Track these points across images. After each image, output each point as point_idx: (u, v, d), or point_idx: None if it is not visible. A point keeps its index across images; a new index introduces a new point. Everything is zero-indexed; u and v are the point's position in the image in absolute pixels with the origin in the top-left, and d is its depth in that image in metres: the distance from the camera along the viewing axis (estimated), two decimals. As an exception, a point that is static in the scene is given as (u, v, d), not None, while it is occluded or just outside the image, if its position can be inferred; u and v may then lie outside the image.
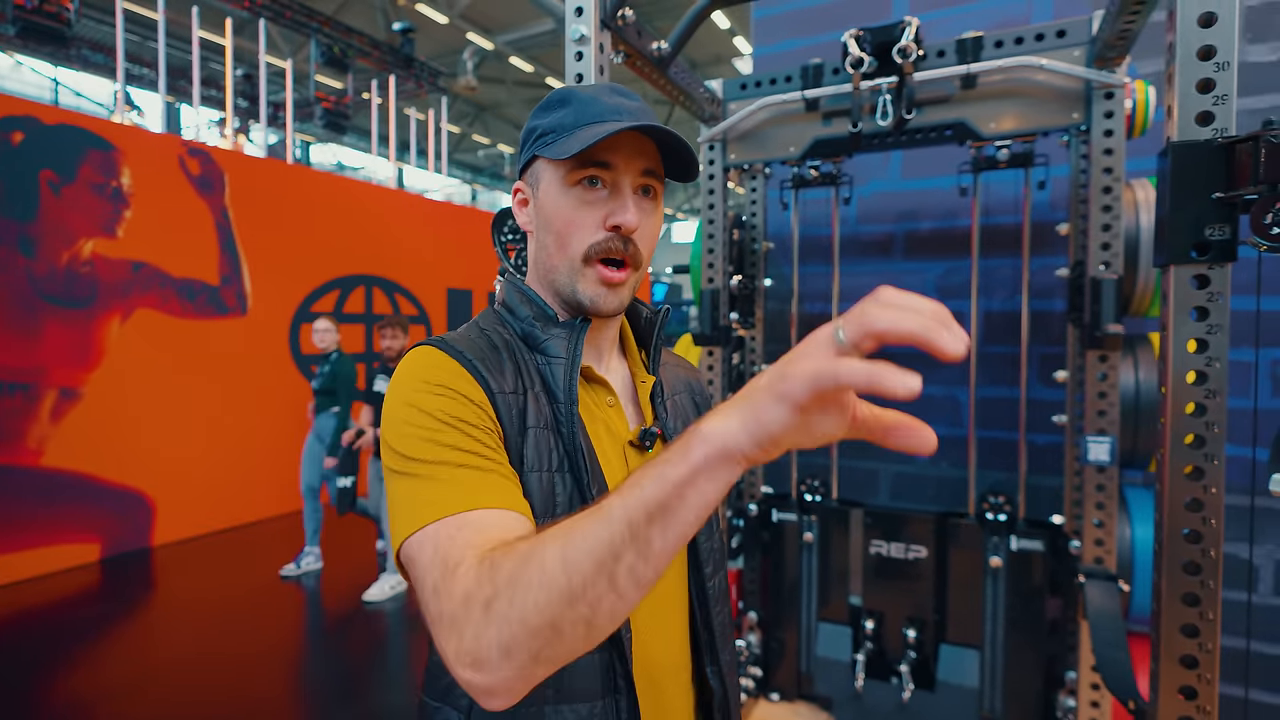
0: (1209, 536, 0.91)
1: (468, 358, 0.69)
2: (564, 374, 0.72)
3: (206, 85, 10.94)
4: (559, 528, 0.51)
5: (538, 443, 0.68)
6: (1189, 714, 0.92)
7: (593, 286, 0.73)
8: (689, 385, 0.91)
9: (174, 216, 4.51)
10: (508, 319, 0.78)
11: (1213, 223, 0.88)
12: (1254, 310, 2.00)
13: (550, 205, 0.73)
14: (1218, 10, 0.88)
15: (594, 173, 0.71)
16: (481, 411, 0.66)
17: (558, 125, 0.72)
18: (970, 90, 1.65)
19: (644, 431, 0.77)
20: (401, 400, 0.66)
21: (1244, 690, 1.90)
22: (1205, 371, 0.90)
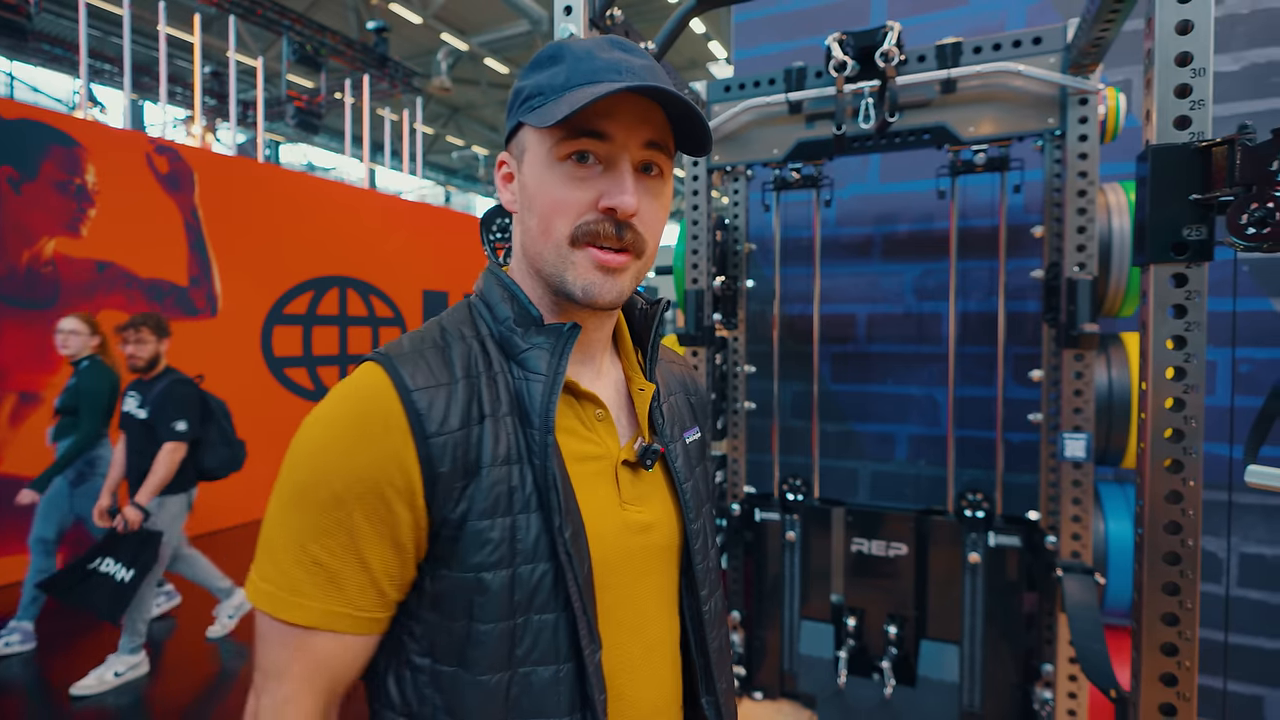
0: (1188, 528, 0.94)
1: (408, 388, 0.58)
2: (542, 396, 0.61)
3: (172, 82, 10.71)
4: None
5: (495, 484, 0.59)
6: (1169, 700, 0.94)
7: (585, 273, 0.61)
8: (683, 383, 0.82)
9: (141, 215, 4.40)
10: (484, 317, 0.66)
11: (1190, 223, 0.91)
12: (1222, 312, 2.06)
13: (534, 182, 0.62)
14: (1194, 18, 0.91)
15: (586, 145, 0.60)
16: (405, 495, 0.57)
17: (546, 86, 0.61)
18: (950, 95, 1.69)
19: (645, 450, 0.68)
20: (324, 440, 0.58)
21: (1222, 681, 1.96)
22: (1183, 367, 0.93)
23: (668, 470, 0.71)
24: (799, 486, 2.28)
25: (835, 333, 2.54)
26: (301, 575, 0.56)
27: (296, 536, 0.57)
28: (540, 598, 0.59)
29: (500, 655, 0.58)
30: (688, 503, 0.70)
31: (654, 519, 0.68)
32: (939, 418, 2.40)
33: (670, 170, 0.66)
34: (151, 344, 2.94)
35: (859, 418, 2.53)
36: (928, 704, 2.03)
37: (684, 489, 0.70)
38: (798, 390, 2.58)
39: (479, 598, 0.58)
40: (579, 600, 0.59)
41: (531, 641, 0.59)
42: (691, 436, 0.76)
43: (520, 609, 0.58)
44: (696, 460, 0.76)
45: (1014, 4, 2.29)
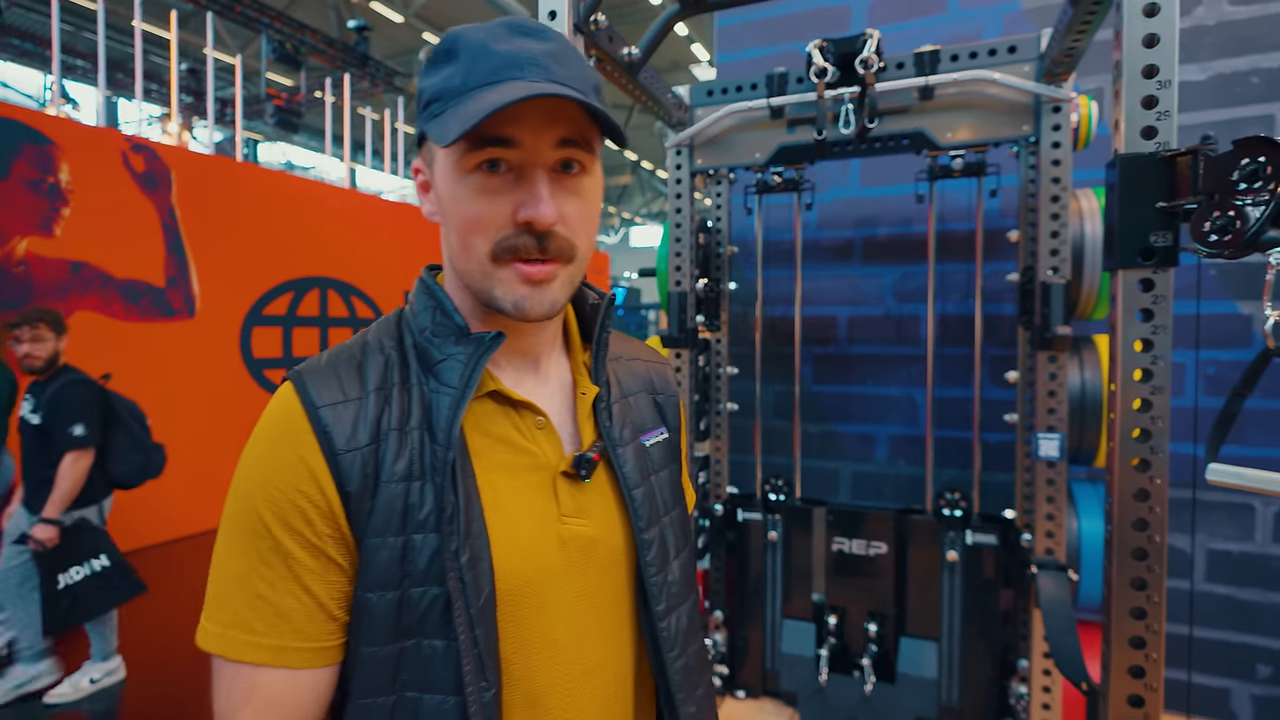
0: (1155, 524, 0.97)
1: (315, 406, 0.56)
2: (448, 410, 0.58)
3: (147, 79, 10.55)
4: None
5: (389, 501, 0.55)
6: (1138, 691, 0.97)
7: (513, 289, 0.58)
8: (649, 381, 0.76)
9: (116, 215, 4.33)
10: (410, 327, 0.63)
11: (1156, 230, 0.94)
12: (1190, 315, 2.12)
13: (447, 196, 0.59)
14: (1159, 32, 0.94)
15: (494, 154, 0.56)
16: (323, 505, 0.55)
17: (443, 90, 0.57)
18: (928, 101, 1.72)
19: (578, 459, 0.63)
20: (249, 466, 0.57)
21: (1187, 674, 2.01)
22: (1151, 369, 0.96)
23: (615, 478, 0.66)
24: (781, 487, 2.30)
25: (817, 334, 2.58)
26: (250, 612, 0.54)
27: (239, 572, 0.55)
28: (431, 623, 0.55)
29: (384, 680, 0.55)
30: (637, 510, 0.65)
31: (598, 531, 0.63)
32: (918, 418, 2.44)
33: (594, 163, 0.61)
34: (50, 342, 2.70)
35: (840, 418, 2.57)
36: (907, 700, 2.06)
37: (633, 496, 0.65)
38: (780, 391, 2.61)
39: (365, 619, 0.55)
40: (468, 632, 0.54)
41: (419, 667, 0.56)
42: (653, 438, 0.71)
43: (408, 632, 0.56)
44: (660, 464, 0.71)
45: (990, 13, 2.34)
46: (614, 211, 26.25)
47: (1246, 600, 2.11)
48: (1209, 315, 2.15)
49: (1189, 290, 2.13)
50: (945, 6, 2.41)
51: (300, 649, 0.55)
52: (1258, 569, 2.10)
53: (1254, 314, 2.12)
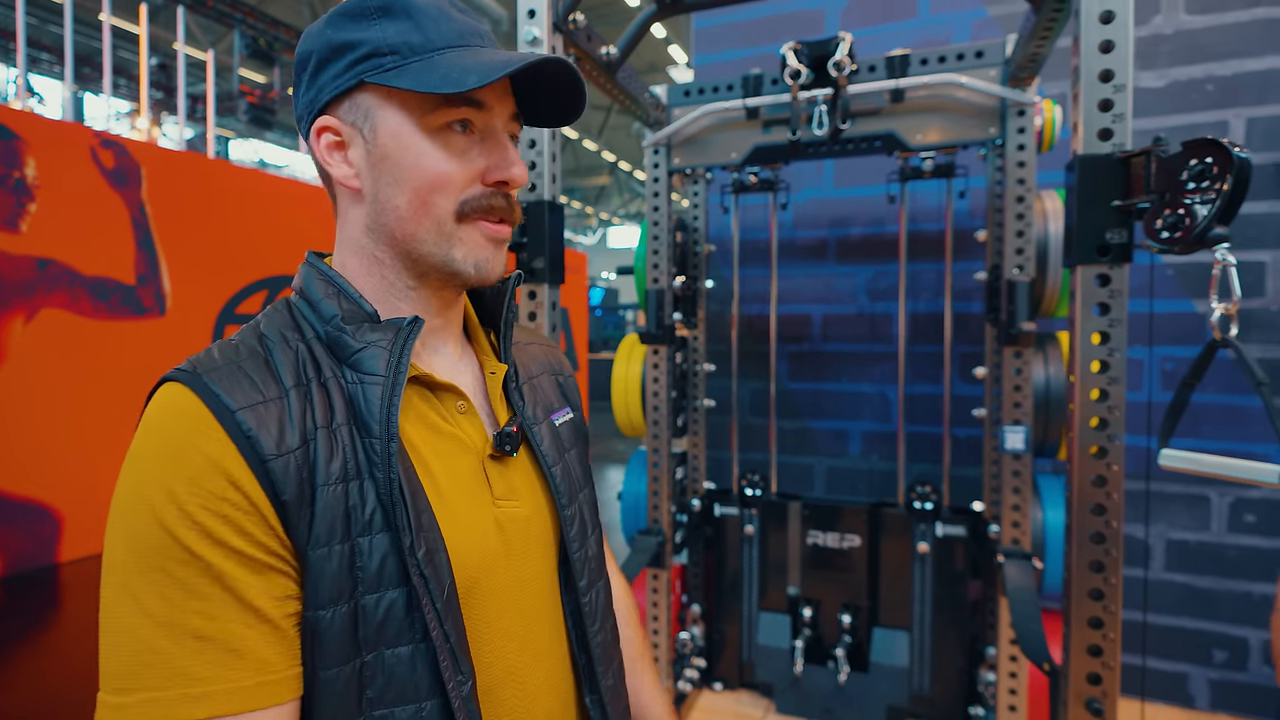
0: (1111, 510, 1.01)
1: (229, 408, 0.48)
2: (381, 400, 0.53)
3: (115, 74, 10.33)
4: None
5: (330, 506, 0.50)
6: (1095, 670, 1.02)
7: (478, 249, 0.58)
8: (549, 365, 0.76)
9: (85, 211, 4.25)
10: (307, 318, 0.57)
11: (1112, 228, 0.99)
12: (1146, 313, 2.20)
13: (405, 154, 0.56)
14: (1115, 38, 0.99)
15: (469, 114, 0.56)
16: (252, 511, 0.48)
17: (400, 44, 0.55)
18: (899, 104, 1.77)
19: (499, 436, 0.61)
20: (141, 489, 0.47)
21: (1142, 659, 2.08)
22: (1107, 361, 1.01)
23: (534, 456, 0.65)
24: (757, 482, 2.34)
25: (792, 332, 2.62)
26: (188, 660, 0.45)
27: (158, 620, 0.45)
28: (391, 629, 0.51)
29: (348, 704, 0.49)
30: (558, 487, 0.65)
31: (530, 511, 0.62)
32: (890, 414, 2.49)
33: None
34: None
35: (814, 415, 2.61)
36: (880, 688, 2.11)
37: (553, 473, 0.65)
38: (756, 388, 2.64)
39: (318, 640, 0.49)
40: (439, 628, 0.51)
41: (385, 681, 0.51)
42: (561, 418, 0.71)
43: (368, 645, 0.50)
44: (570, 443, 0.70)
45: (960, 18, 2.40)
46: (591, 212, 26.23)
47: (1203, 588, 2.19)
48: (1167, 314, 2.23)
49: (1146, 289, 2.20)
50: (916, 11, 2.47)
51: (266, 683, 0.47)
52: (1213, 557, 2.18)
53: (1209, 312, 2.19)
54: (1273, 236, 2.13)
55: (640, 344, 2.18)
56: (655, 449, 2.13)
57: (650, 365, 2.11)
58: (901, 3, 2.48)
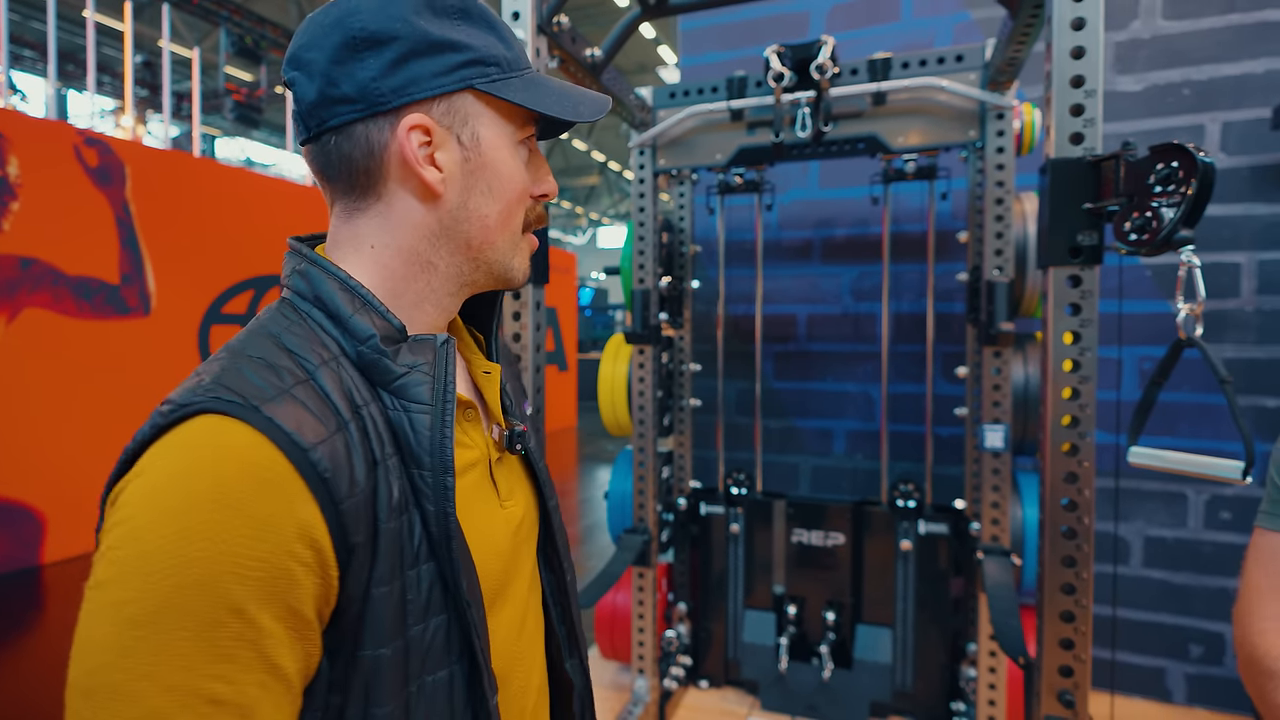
0: (1083, 506, 1.03)
1: (313, 463, 0.44)
2: (432, 431, 0.51)
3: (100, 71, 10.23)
4: None
5: (390, 542, 0.48)
6: (1067, 662, 1.04)
7: (525, 259, 0.62)
8: (508, 357, 0.80)
9: (68, 210, 4.21)
10: (330, 332, 0.52)
11: (1084, 230, 1.01)
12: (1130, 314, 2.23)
13: (503, 166, 0.56)
14: (1086, 44, 1.01)
15: (533, 131, 0.60)
16: (325, 581, 0.44)
17: (502, 58, 0.55)
18: (880, 107, 1.79)
19: (509, 437, 0.62)
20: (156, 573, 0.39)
21: (1111, 652, 2.11)
22: (1079, 360, 1.03)
23: (526, 455, 0.66)
24: (743, 481, 2.36)
25: (777, 332, 2.64)
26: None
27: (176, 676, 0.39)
28: (434, 657, 0.50)
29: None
30: (544, 482, 0.67)
31: (524, 509, 0.64)
32: (874, 413, 2.52)
33: None
34: None
35: (800, 414, 2.63)
36: (863, 684, 2.13)
37: (540, 468, 0.67)
38: (742, 388, 2.66)
39: (375, 679, 0.47)
40: (478, 647, 0.52)
41: (426, 708, 0.50)
42: (528, 410, 0.74)
43: (414, 675, 0.49)
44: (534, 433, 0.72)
45: (942, 22, 2.43)
46: (581, 212, 26.22)
47: (1180, 584, 2.23)
48: (1145, 314, 2.26)
49: (1128, 289, 2.24)
50: (899, 15, 2.49)
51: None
52: (1190, 554, 2.22)
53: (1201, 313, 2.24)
54: (1247, 238, 2.17)
55: (626, 344, 2.19)
56: (641, 448, 2.14)
57: (636, 365, 2.12)
58: (885, 6, 2.51)
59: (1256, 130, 2.14)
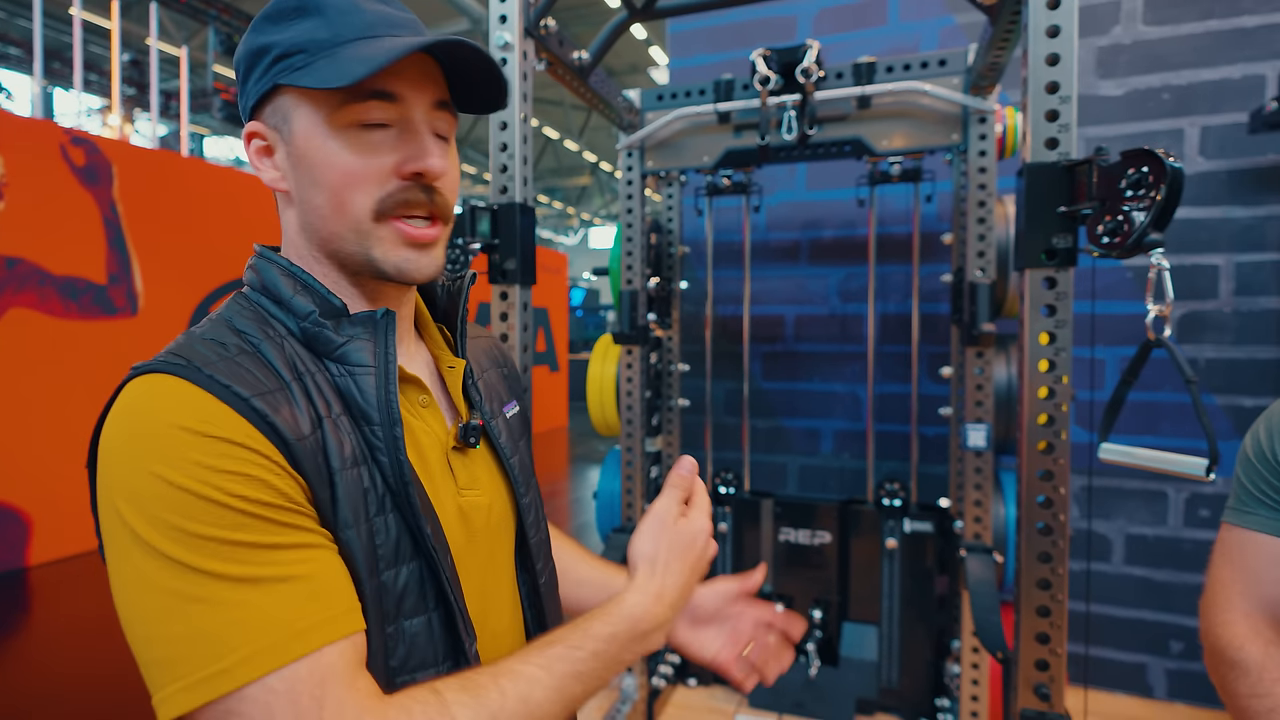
0: (1058, 503, 1.06)
1: (242, 395, 0.48)
2: (379, 389, 0.55)
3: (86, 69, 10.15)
4: (521, 703, 0.49)
5: (350, 489, 0.52)
6: (1044, 656, 1.06)
7: (396, 250, 0.57)
8: (494, 359, 0.78)
9: (55, 209, 4.19)
10: (275, 314, 0.57)
11: (1058, 233, 1.03)
12: (1111, 315, 2.27)
13: (316, 154, 0.55)
14: (1060, 51, 1.03)
15: (376, 107, 0.54)
16: (285, 474, 0.48)
17: (308, 43, 0.54)
18: (865, 110, 1.81)
19: (464, 429, 0.63)
20: (153, 472, 0.45)
21: (1085, 648, 2.14)
22: (1054, 360, 1.05)
23: (493, 447, 0.68)
24: (731, 480, 2.38)
25: (765, 333, 2.66)
26: (278, 602, 0.46)
27: (236, 574, 0.45)
28: (409, 601, 0.54)
29: (375, 673, 0.51)
30: (516, 477, 0.68)
31: (489, 499, 0.65)
32: (861, 413, 2.54)
33: (454, 133, 0.63)
34: None
35: (788, 414, 2.65)
36: (849, 682, 2.15)
37: (511, 464, 0.68)
38: (730, 388, 2.68)
39: None
40: (452, 594, 0.56)
41: (406, 650, 0.54)
42: (511, 411, 0.74)
43: (390, 617, 0.53)
44: (519, 434, 0.74)
45: (927, 26, 2.46)
46: (573, 213, 26.20)
47: (1161, 581, 2.26)
48: (1132, 315, 2.29)
49: (1111, 291, 2.27)
50: (886, 19, 2.52)
51: (352, 609, 0.50)
52: (1170, 551, 2.25)
53: (1181, 314, 2.27)
54: (1225, 241, 2.20)
55: (615, 344, 2.20)
56: (629, 448, 2.15)
57: (624, 366, 2.14)
58: (872, 10, 2.53)
59: (1234, 134, 2.18)
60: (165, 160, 5.02)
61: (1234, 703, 0.76)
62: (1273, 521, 0.79)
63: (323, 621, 0.47)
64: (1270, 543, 0.79)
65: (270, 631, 0.45)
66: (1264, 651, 0.75)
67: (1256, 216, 2.16)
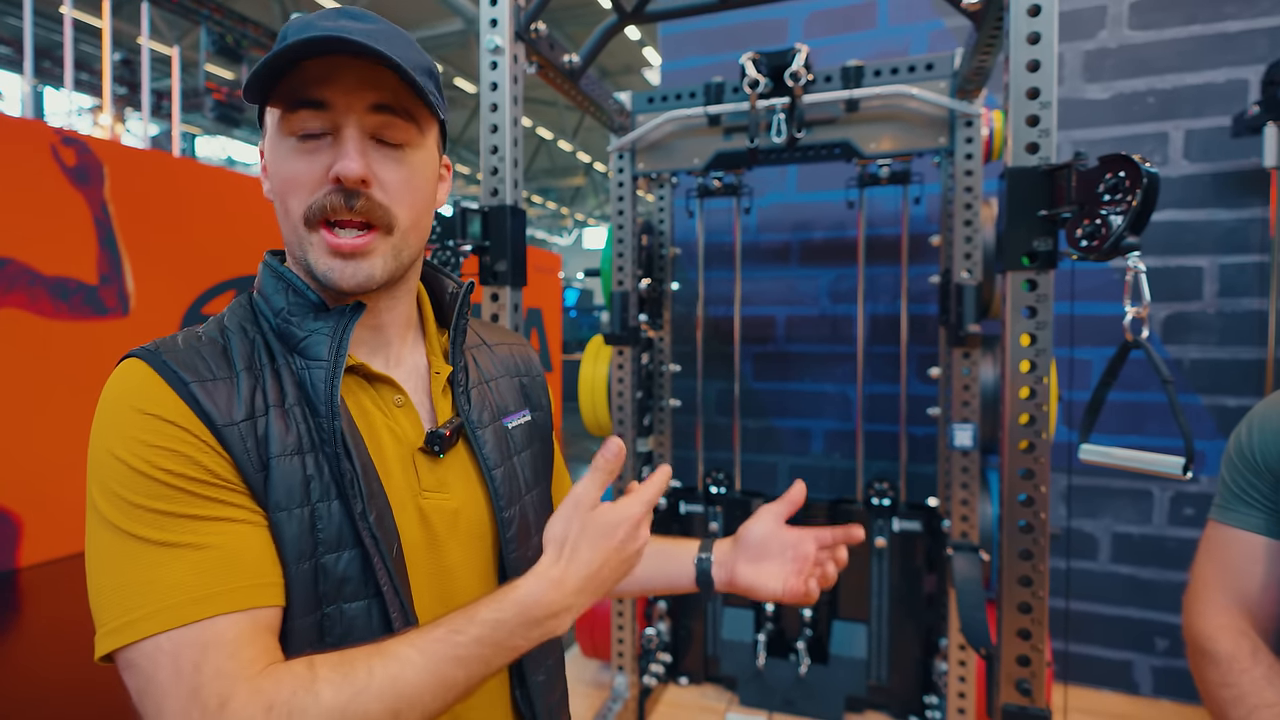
0: (1039, 501, 1.08)
1: (183, 380, 0.54)
2: (325, 383, 0.58)
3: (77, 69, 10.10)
4: (389, 685, 0.49)
5: (287, 475, 0.55)
6: (1025, 652, 1.08)
7: (323, 258, 0.59)
8: (514, 365, 0.79)
9: (45, 210, 4.17)
10: (264, 311, 0.62)
11: (1039, 236, 1.05)
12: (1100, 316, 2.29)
13: (271, 164, 0.60)
14: (1040, 58, 1.05)
15: (305, 116, 0.56)
16: (212, 453, 0.53)
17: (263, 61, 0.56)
18: (853, 113, 1.83)
19: (430, 435, 0.64)
20: (107, 446, 0.52)
21: (1064, 644, 2.16)
22: (1035, 361, 1.07)
23: (477, 457, 0.68)
24: (721, 480, 2.39)
25: (757, 333, 2.68)
26: (187, 571, 0.50)
27: (156, 539, 0.50)
28: (350, 586, 0.57)
29: (310, 650, 0.53)
30: (498, 490, 0.68)
31: (460, 504, 0.66)
32: (852, 413, 2.56)
33: (422, 138, 0.62)
34: None
35: (779, 414, 2.67)
36: (839, 679, 2.17)
37: (493, 475, 0.68)
38: (721, 388, 2.70)
39: (287, 593, 0.54)
40: (389, 583, 0.57)
41: (343, 631, 0.56)
42: (516, 420, 0.74)
43: (328, 599, 0.56)
44: (523, 444, 0.74)
45: (917, 30, 2.48)
46: (567, 213, 26.20)
47: (1146, 579, 2.29)
48: (1110, 316, 2.32)
49: (1098, 292, 2.30)
50: (876, 22, 2.54)
51: (260, 585, 0.52)
52: (1156, 550, 2.28)
53: (1150, 314, 2.30)
54: (1209, 243, 2.23)
55: (606, 345, 2.22)
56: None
57: (615, 366, 2.15)
58: (862, 14, 2.55)
59: (1218, 138, 2.21)
60: (157, 160, 5.01)
61: (1205, 691, 0.78)
62: (1252, 519, 0.81)
63: (221, 592, 0.50)
64: (1249, 539, 0.81)
65: (172, 594, 0.49)
66: (1235, 643, 0.77)
67: (1240, 219, 2.19)
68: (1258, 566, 0.80)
